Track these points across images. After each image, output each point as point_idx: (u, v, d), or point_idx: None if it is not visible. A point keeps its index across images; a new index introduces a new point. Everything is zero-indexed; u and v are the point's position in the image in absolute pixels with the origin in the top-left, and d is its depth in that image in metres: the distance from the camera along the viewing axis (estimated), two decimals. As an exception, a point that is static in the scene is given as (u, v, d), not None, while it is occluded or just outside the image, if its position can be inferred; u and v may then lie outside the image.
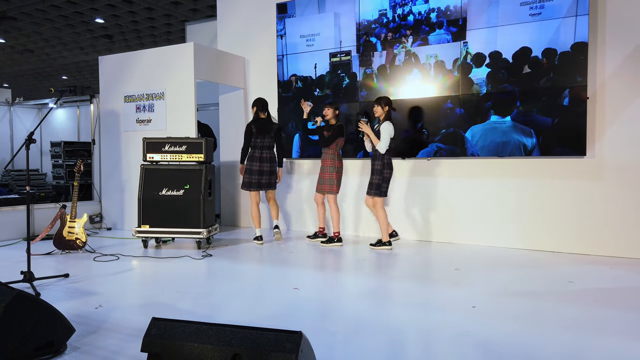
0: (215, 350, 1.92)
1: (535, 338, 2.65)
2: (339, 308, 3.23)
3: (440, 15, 5.44)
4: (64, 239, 5.09)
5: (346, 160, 6.11)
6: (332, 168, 5.44)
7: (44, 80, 17.45)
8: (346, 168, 6.13)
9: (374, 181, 5.14)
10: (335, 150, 5.45)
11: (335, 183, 5.45)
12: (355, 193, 6.18)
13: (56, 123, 9.00)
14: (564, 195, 5.01)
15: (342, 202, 6.13)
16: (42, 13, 9.74)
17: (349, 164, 6.16)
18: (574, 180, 4.96)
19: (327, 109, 5.49)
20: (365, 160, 6.03)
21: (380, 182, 5.10)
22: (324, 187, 5.49)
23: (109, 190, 6.91)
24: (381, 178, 5.09)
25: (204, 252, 5.10)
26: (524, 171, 5.18)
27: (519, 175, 5.21)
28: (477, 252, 5.04)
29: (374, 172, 5.15)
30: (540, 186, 5.12)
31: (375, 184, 5.13)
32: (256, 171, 5.58)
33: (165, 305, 3.32)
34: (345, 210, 6.19)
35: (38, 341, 2.39)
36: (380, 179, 5.10)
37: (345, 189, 6.16)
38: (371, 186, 5.15)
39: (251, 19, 6.95)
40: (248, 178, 5.60)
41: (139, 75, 6.56)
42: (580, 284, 3.80)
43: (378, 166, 5.11)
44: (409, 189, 5.82)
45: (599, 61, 4.82)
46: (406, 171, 5.84)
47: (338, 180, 5.48)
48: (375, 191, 5.13)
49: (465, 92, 5.32)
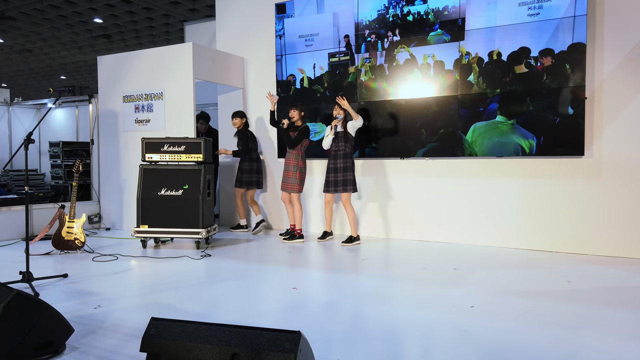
0: (214, 350, 1.93)
1: (534, 338, 2.66)
2: (338, 307, 3.23)
3: (438, 16, 5.44)
4: (63, 239, 5.08)
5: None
6: (295, 168, 5.62)
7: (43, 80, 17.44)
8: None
9: (348, 177, 5.37)
10: (299, 150, 5.65)
11: (298, 182, 5.64)
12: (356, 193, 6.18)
13: (55, 123, 8.99)
14: (562, 195, 5.02)
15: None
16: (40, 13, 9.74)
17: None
18: (572, 179, 4.97)
19: (292, 111, 5.65)
20: (365, 160, 6.03)
21: (354, 178, 5.40)
22: (287, 186, 5.67)
23: (107, 190, 6.90)
24: (354, 174, 5.41)
25: (202, 252, 5.10)
26: (522, 171, 5.19)
27: (517, 175, 5.22)
28: (476, 252, 5.05)
29: (345, 169, 5.38)
30: (538, 186, 5.13)
31: (351, 180, 5.38)
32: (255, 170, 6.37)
33: (164, 305, 3.32)
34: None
35: (37, 341, 2.39)
36: (353, 175, 5.39)
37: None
38: (347, 183, 5.37)
39: (250, 19, 6.95)
40: (248, 177, 6.29)
41: (137, 75, 6.56)
42: (579, 283, 3.81)
43: (349, 163, 5.39)
44: (407, 188, 5.83)
45: (597, 61, 4.83)
46: (404, 171, 5.85)
47: (301, 179, 5.69)
48: (352, 187, 5.38)
49: (464, 92, 5.33)
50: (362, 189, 6.09)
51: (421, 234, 5.77)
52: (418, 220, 5.78)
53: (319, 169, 6.36)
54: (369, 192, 6.07)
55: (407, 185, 5.84)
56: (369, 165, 6.05)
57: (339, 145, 5.41)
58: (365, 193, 6.09)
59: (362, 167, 6.10)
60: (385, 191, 5.97)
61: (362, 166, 6.10)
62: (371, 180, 6.05)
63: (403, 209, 5.87)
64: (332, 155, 5.48)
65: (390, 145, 5.77)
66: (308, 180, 6.25)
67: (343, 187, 5.40)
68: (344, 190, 5.40)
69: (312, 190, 6.43)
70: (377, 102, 5.83)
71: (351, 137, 5.43)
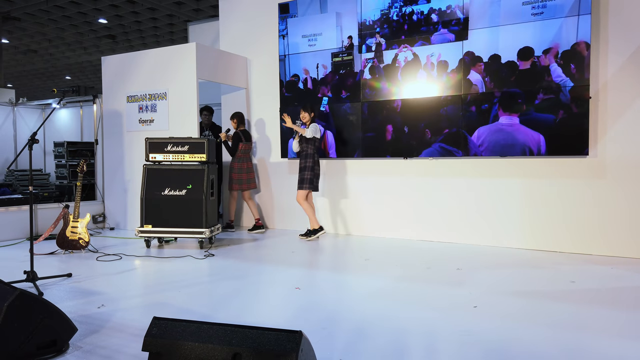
0: (215, 350, 1.93)
1: (537, 338, 2.65)
2: (341, 307, 3.23)
3: (442, 15, 5.43)
4: (67, 238, 5.11)
5: (344, 161, 6.14)
6: (240, 169, 6.37)
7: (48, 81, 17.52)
8: (344, 169, 6.16)
9: (305, 176, 5.76)
10: (242, 154, 6.35)
11: (244, 182, 6.36)
12: (355, 192, 6.18)
13: (59, 123, 9.03)
14: (566, 195, 5.00)
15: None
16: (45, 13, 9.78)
17: (347, 164, 6.17)
18: (576, 179, 4.95)
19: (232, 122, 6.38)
20: (368, 160, 6.03)
21: (312, 177, 5.77)
22: (242, 186, 6.41)
23: (111, 190, 6.93)
24: (312, 174, 5.76)
25: (206, 252, 5.11)
26: (526, 171, 5.18)
27: (521, 175, 5.21)
28: (479, 252, 5.04)
29: (304, 169, 5.77)
30: (542, 186, 5.11)
31: (307, 179, 5.77)
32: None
33: (167, 304, 3.33)
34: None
35: (40, 340, 2.41)
36: (311, 175, 5.77)
37: (346, 189, 6.18)
38: (303, 181, 5.77)
39: (253, 19, 6.96)
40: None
41: (141, 75, 6.58)
42: (583, 283, 3.79)
43: (308, 163, 5.76)
44: (412, 188, 5.82)
45: (602, 60, 4.80)
46: (409, 171, 5.84)
47: (247, 179, 6.40)
48: (307, 185, 5.76)
49: (468, 91, 5.32)
50: (365, 188, 6.09)
51: (424, 234, 5.76)
52: (421, 220, 5.77)
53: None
54: (372, 191, 6.07)
55: (410, 185, 5.83)
56: (372, 165, 6.05)
57: (303, 147, 5.84)
58: (368, 193, 6.09)
59: (365, 167, 6.10)
60: (388, 191, 5.96)
61: (365, 166, 6.10)
62: (374, 180, 6.05)
63: (407, 209, 5.86)
64: (300, 155, 5.89)
65: (394, 145, 5.76)
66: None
67: (299, 184, 5.78)
68: (300, 188, 5.77)
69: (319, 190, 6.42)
70: (380, 101, 5.82)
71: (313, 139, 5.76)
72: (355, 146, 6.01)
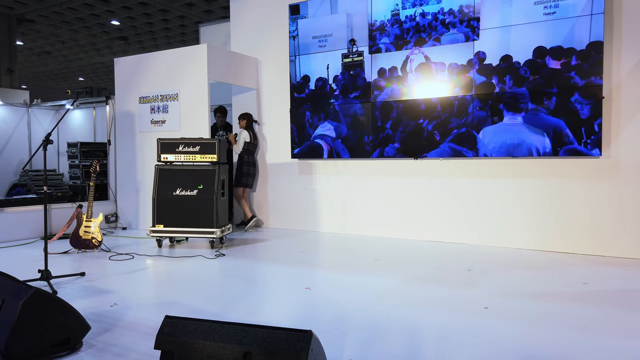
0: (226, 348, 1.95)
1: (548, 340, 2.64)
2: (351, 307, 3.24)
3: (453, 15, 5.41)
4: (80, 238, 5.17)
5: (355, 161, 6.14)
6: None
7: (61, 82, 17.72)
8: (355, 169, 6.17)
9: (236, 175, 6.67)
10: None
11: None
12: (365, 192, 6.18)
13: (73, 124, 9.14)
14: (579, 196, 4.95)
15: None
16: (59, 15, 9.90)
17: (357, 164, 6.17)
18: (589, 180, 4.90)
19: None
20: (379, 160, 6.03)
21: (239, 176, 6.63)
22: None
23: (124, 190, 7.00)
24: (240, 172, 6.60)
25: (217, 252, 5.14)
26: (539, 171, 5.14)
27: (533, 175, 5.17)
28: (490, 253, 5.01)
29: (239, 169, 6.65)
30: (554, 186, 5.07)
31: (236, 178, 6.64)
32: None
33: (179, 303, 3.36)
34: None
35: (54, 338, 2.45)
36: (239, 173, 6.62)
37: (357, 189, 6.19)
38: (239, 179, 6.64)
39: (264, 20, 6.99)
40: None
41: (153, 76, 6.64)
42: (595, 285, 3.75)
43: (239, 164, 6.64)
44: (421, 189, 5.80)
45: (615, 60, 4.75)
46: (418, 171, 5.83)
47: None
48: (237, 183, 6.63)
49: (479, 92, 5.29)
50: (375, 188, 6.08)
51: (434, 234, 5.74)
52: (431, 221, 5.75)
53: (320, 169, 6.41)
54: (382, 191, 6.06)
55: (420, 185, 5.82)
56: (383, 165, 6.04)
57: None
58: (379, 193, 6.08)
59: (376, 167, 6.09)
60: (399, 191, 5.95)
61: (376, 166, 6.09)
62: (384, 180, 6.04)
63: (417, 209, 5.84)
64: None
65: (404, 145, 5.75)
66: (313, 180, 6.29)
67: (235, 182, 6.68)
68: (235, 185, 6.64)
69: (316, 190, 6.45)
70: (391, 102, 5.82)
71: (243, 145, 6.59)
72: (365, 146, 6.01)
